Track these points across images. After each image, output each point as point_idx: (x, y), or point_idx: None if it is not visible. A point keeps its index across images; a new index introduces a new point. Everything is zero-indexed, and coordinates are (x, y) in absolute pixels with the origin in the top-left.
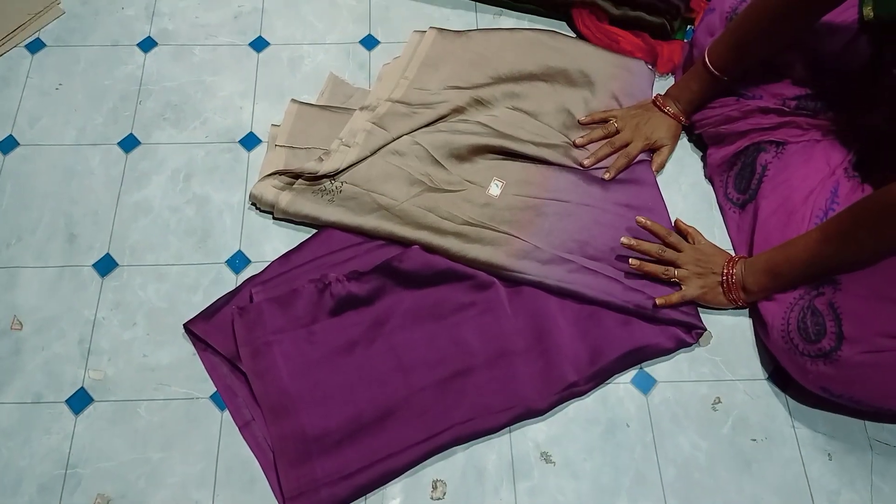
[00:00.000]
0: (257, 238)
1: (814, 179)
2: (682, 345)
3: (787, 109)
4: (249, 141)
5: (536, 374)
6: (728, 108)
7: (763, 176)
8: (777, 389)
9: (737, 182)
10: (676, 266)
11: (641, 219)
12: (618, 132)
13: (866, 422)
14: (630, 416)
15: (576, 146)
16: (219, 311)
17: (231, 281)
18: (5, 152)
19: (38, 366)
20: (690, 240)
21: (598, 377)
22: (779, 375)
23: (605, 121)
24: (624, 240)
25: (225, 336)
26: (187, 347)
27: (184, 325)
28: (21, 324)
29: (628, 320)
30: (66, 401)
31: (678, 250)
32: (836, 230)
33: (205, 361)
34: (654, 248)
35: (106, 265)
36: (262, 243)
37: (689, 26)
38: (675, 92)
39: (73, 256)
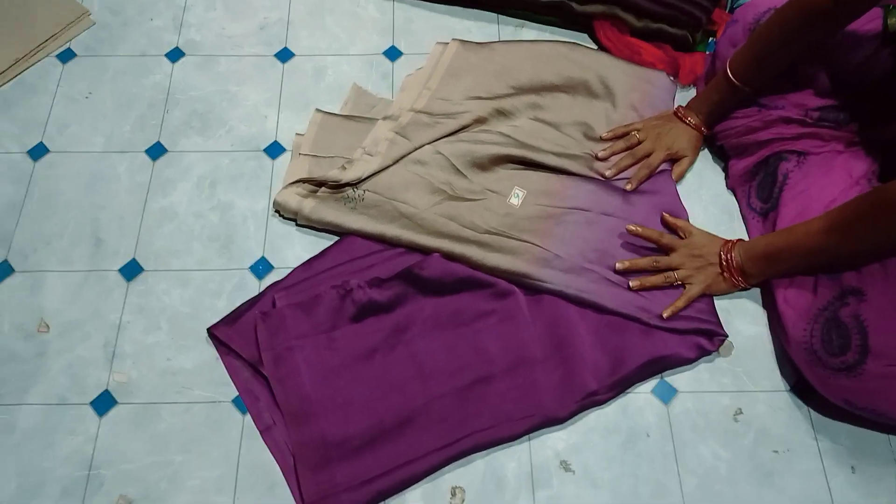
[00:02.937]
0: (280, 244)
1: (834, 190)
2: (703, 353)
3: (810, 121)
4: (274, 149)
5: (556, 382)
6: (750, 118)
7: (784, 185)
8: (799, 402)
9: (759, 191)
10: (674, 269)
11: (632, 227)
12: (639, 143)
13: (891, 436)
14: (650, 426)
15: (598, 159)
16: (242, 316)
17: (254, 287)
18: (35, 158)
19: (63, 368)
20: (681, 233)
21: (619, 386)
22: (801, 387)
23: (626, 134)
24: (618, 265)
25: (247, 341)
26: (210, 352)
27: (207, 329)
28: (48, 326)
29: (649, 330)
30: (90, 403)
31: (673, 249)
32: (837, 223)
33: (227, 366)
34: (646, 262)
35: (131, 270)
36: (284, 250)
37: (710, 38)
38: (697, 103)
39: (99, 261)
